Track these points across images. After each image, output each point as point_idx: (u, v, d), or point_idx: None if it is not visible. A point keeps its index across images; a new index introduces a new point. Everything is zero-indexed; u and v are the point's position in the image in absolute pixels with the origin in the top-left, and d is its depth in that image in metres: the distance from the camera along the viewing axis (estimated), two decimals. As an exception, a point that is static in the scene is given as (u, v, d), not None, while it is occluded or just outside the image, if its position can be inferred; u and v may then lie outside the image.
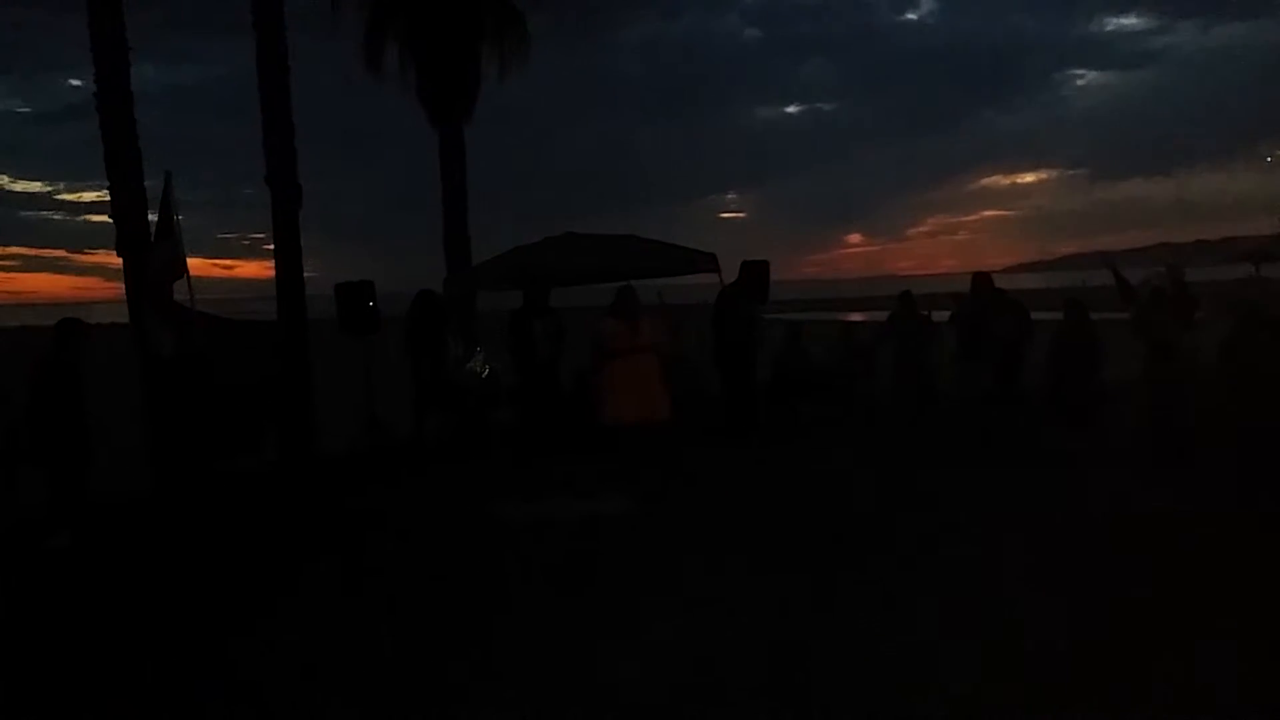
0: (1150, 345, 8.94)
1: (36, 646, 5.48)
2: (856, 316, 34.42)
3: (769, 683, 4.43)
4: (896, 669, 4.53)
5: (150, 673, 4.92)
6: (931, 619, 5.14)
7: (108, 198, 9.64)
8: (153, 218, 9.34)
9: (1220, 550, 6.04)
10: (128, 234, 9.57)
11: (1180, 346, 8.74)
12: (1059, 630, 4.87)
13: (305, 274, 11.12)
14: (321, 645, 5.18)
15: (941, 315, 11.91)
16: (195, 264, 9.06)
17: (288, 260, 10.95)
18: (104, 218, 9.69)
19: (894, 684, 4.36)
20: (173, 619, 5.72)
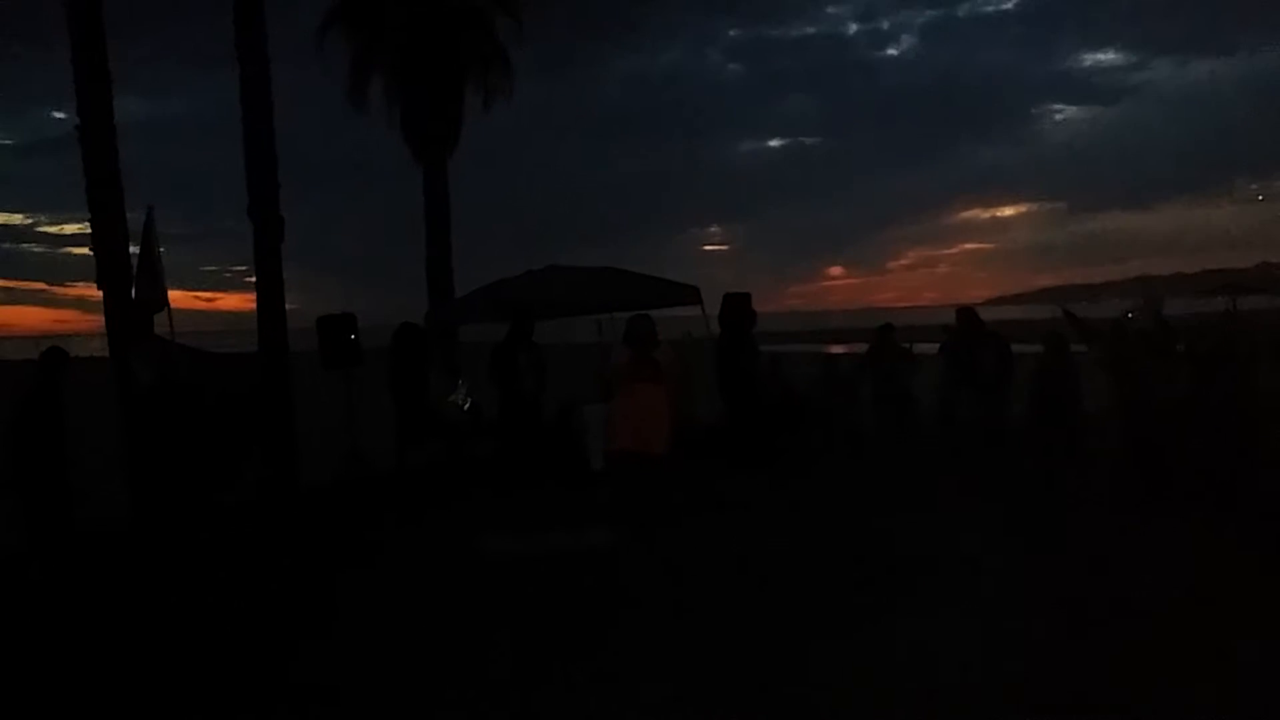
0: (1119, 378, 9.04)
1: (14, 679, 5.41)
2: (838, 348, 34.49)
3: (757, 717, 4.40)
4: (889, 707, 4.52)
5: (134, 706, 4.87)
6: (919, 660, 5.13)
7: (89, 230, 9.62)
8: (134, 250, 9.32)
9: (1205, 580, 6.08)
10: (108, 267, 9.54)
11: (1151, 377, 8.82)
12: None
13: (287, 306, 11.10)
14: (305, 677, 5.14)
15: (930, 348, 12.03)
16: (176, 296, 9.05)
17: (269, 293, 10.93)
18: (85, 250, 9.67)
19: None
20: (156, 651, 5.66)
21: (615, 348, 8.76)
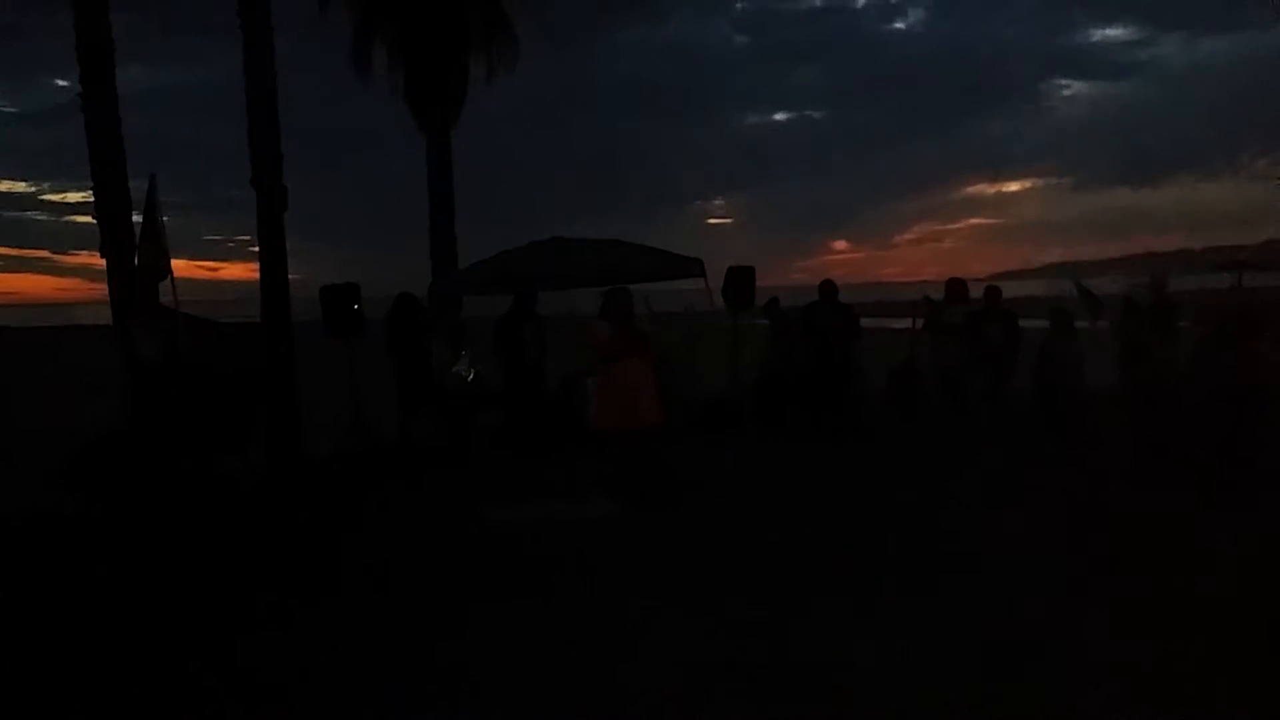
0: (1126, 353, 9.03)
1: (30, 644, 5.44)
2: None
3: (755, 688, 4.42)
4: (882, 672, 4.55)
5: (136, 675, 4.90)
6: (915, 620, 5.16)
7: (92, 199, 9.60)
8: (137, 219, 9.30)
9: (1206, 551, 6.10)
10: (112, 235, 9.53)
11: (1157, 354, 8.81)
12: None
13: (291, 276, 11.08)
14: (309, 647, 5.16)
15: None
16: (180, 265, 9.04)
17: (273, 262, 10.91)
18: (88, 219, 9.64)
19: (880, 686, 4.38)
20: (163, 619, 5.69)
21: (595, 322, 8.73)
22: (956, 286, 11.69)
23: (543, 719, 4.24)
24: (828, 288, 12.15)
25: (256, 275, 11.03)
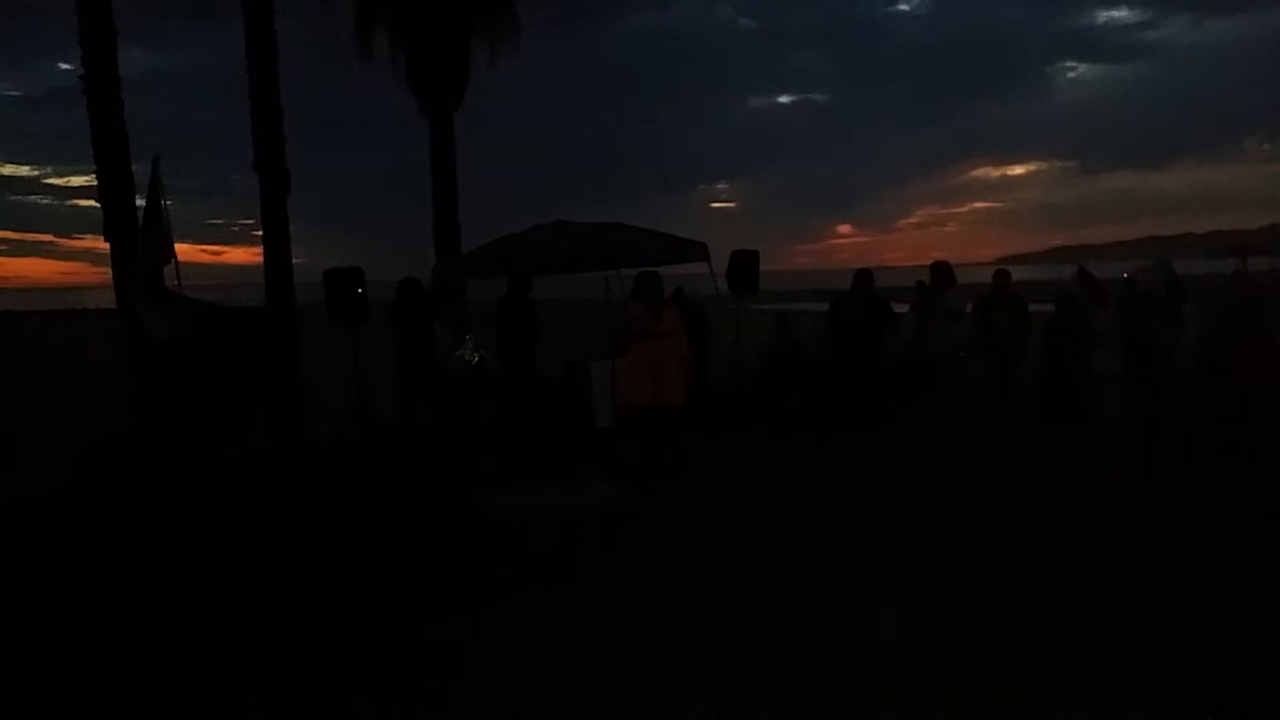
0: (1130, 340, 9.01)
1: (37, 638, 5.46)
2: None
3: (760, 679, 4.43)
4: (890, 663, 4.56)
5: (143, 665, 4.92)
6: (917, 613, 5.17)
7: (96, 183, 9.59)
8: (141, 202, 9.29)
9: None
10: (115, 219, 9.53)
11: (1161, 340, 8.80)
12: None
13: (294, 260, 11.08)
14: (312, 636, 5.18)
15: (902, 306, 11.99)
16: (183, 249, 9.03)
17: (276, 246, 10.91)
18: (92, 202, 9.66)
19: (886, 679, 4.39)
20: (169, 608, 5.71)
21: (623, 304, 8.80)
22: (942, 269, 11.63)
23: (544, 706, 4.25)
24: (862, 277, 11.85)
25: (260, 259, 11.04)
